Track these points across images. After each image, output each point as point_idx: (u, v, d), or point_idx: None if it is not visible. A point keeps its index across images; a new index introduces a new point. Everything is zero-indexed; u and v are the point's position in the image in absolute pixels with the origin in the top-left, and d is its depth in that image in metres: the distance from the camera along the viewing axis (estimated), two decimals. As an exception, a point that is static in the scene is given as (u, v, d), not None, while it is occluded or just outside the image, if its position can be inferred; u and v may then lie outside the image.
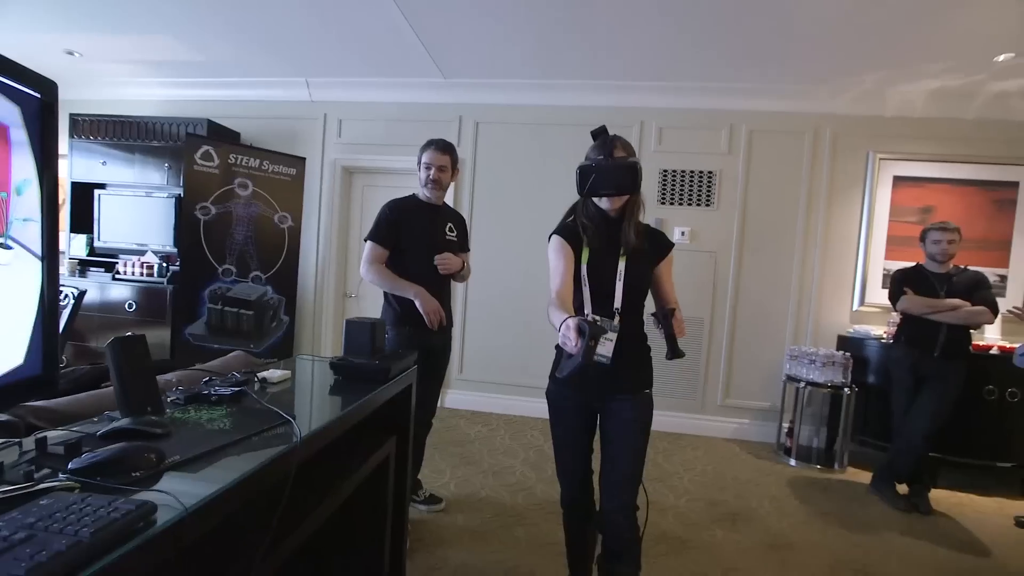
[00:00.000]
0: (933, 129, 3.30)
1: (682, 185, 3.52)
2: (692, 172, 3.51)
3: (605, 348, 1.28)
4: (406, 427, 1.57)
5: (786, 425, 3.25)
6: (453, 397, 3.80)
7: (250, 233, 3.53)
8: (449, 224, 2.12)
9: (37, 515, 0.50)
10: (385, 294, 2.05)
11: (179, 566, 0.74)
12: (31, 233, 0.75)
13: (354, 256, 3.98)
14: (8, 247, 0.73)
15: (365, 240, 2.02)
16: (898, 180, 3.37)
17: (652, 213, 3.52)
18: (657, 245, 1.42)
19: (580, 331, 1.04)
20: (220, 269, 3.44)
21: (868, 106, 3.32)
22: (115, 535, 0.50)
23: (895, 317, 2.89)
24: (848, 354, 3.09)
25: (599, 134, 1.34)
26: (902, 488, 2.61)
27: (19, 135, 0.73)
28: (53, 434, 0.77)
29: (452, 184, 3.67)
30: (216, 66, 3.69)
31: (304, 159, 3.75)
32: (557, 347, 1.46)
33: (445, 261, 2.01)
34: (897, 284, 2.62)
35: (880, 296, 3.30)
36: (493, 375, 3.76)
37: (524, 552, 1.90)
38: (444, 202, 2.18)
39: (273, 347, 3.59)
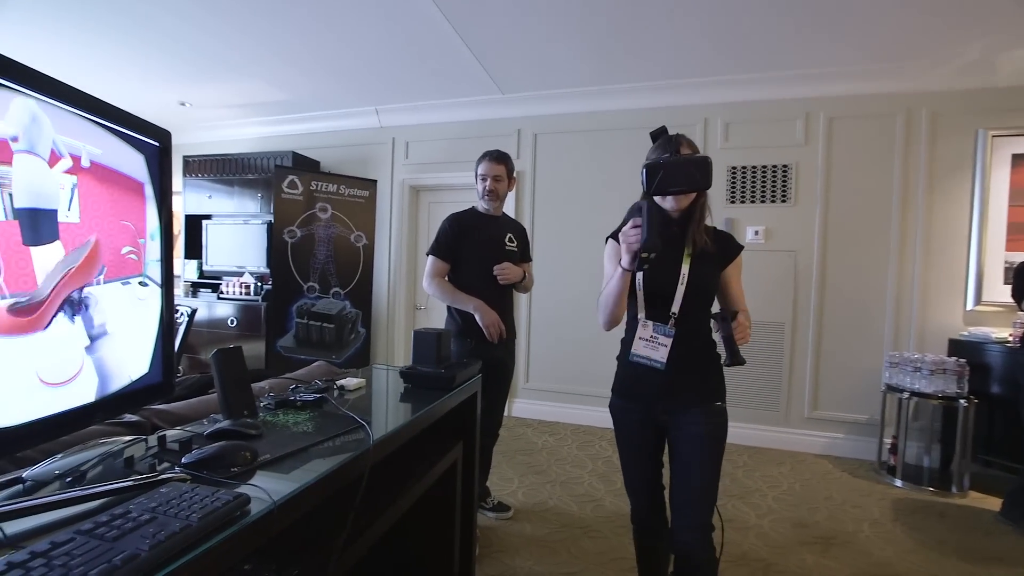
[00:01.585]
0: (1062, 98, 2.85)
1: (754, 182, 3.32)
2: (764, 167, 3.29)
3: (659, 353, 1.25)
4: (472, 434, 1.61)
5: (888, 441, 2.91)
6: (520, 406, 3.84)
7: (330, 252, 3.83)
8: (509, 234, 2.15)
9: (158, 501, 0.59)
10: (448, 307, 2.12)
11: (269, 552, 0.83)
12: (159, 269, 0.90)
13: (422, 270, 4.18)
14: (146, 284, 0.87)
15: (427, 255, 2.11)
16: (1018, 159, 2.93)
17: (721, 213, 3.35)
18: (725, 247, 1.34)
19: (635, 211, 1.12)
20: (305, 286, 3.77)
21: (975, 78, 2.94)
22: (217, 522, 0.58)
23: (1023, 317, 2.50)
24: (963, 360, 2.71)
25: (659, 135, 1.28)
26: (1042, 517, 2.23)
27: (151, 191, 0.87)
28: (171, 433, 0.89)
29: (513, 195, 3.79)
30: (299, 103, 4.09)
31: (375, 181, 4.02)
32: (618, 358, 1.43)
33: (504, 271, 2.05)
34: (1023, 279, 2.28)
35: (1001, 293, 2.87)
36: (559, 384, 3.75)
37: (592, 565, 1.87)
38: (503, 212, 2.21)
39: (352, 357, 3.84)
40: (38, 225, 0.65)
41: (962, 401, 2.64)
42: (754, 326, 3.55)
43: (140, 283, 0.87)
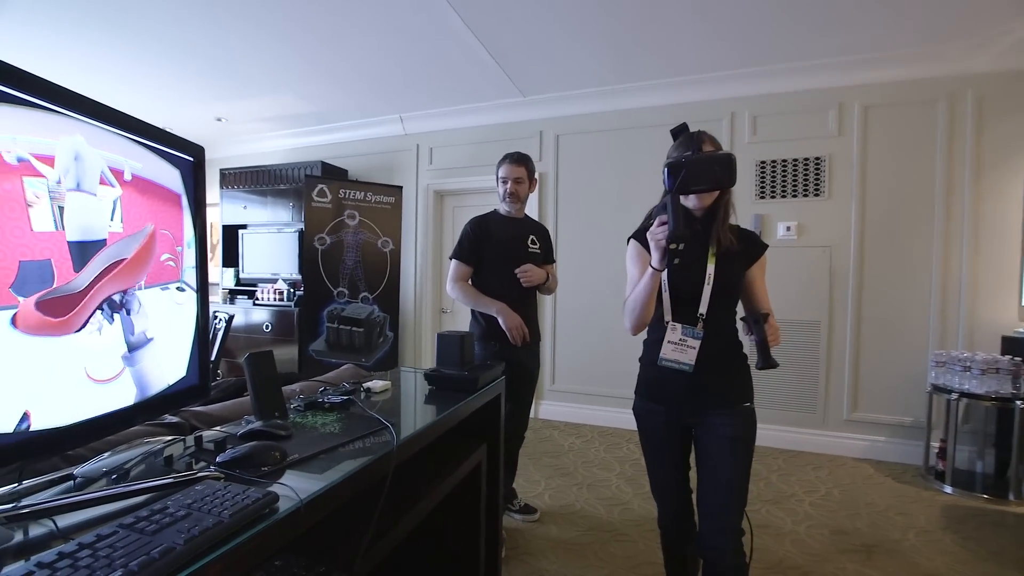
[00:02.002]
0: None
1: (784, 176, 3.21)
2: (796, 160, 3.19)
3: (687, 356, 1.22)
4: (496, 436, 1.62)
5: (936, 444, 2.76)
6: (546, 408, 3.83)
7: (358, 258, 3.93)
8: (531, 236, 2.14)
9: (194, 497, 0.62)
10: (472, 310, 2.13)
11: (298, 549, 0.86)
12: (193, 277, 0.95)
13: (447, 273, 4.24)
14: (183, 289, 0.92)
15: (450, 259, 2.13)
16: (1077, 143, 2.74)
17: (751, 209, 3.26)
18: (749, 246, 1.31)
19: (663, 209, 1.12)
20: (335, 292, 3.87)
21: (1025, 59, 2.76)
22: (247, 518, 0.61)
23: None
24: (1019, 359, 2.54)
25: (680, 131, 1.26)
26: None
27: (186, 201, 0.93)
28: (207, 433, 0.94)
29: (536, 197, 3.79)
30: (327, 114, 4.22)
31: (401, 188, 4.10)
32: (640, 360, 1.42)
33: (527, 273, 2.04)
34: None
35: (1061, 287, 2.68)
36: (585, 386, 3.72)
37: (620, 569, 1.84)
38: (526, 214, 2.21)
39: (381, 360, 3.92)
40: (87, 254, 0.70)
41: (1019, 402, 2.48)
42: (788, 325, 3.44)
43: (178, 288, 0.91)
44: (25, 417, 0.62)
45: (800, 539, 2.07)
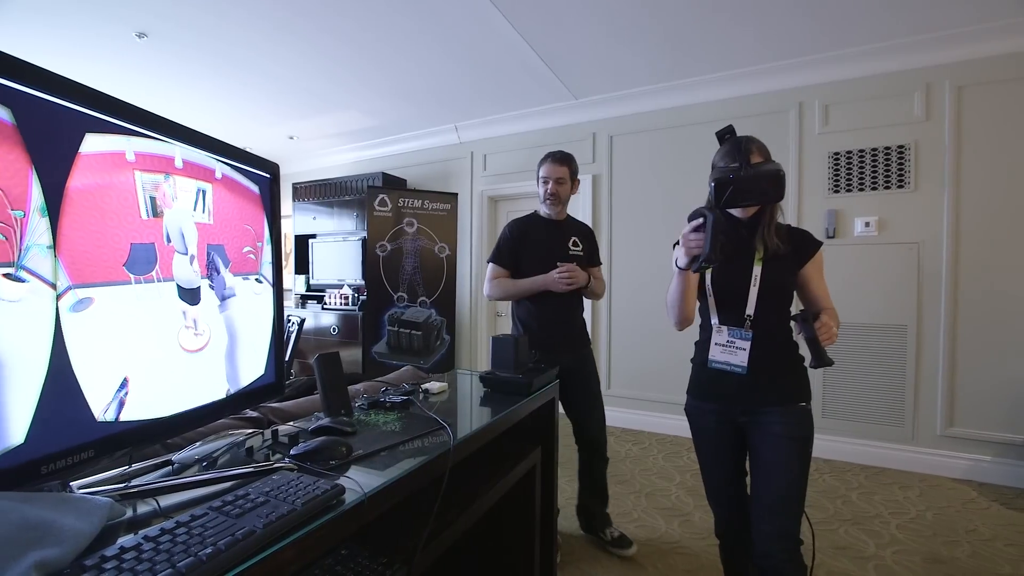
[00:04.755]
0: None
1: (862, 167, 2.96)
2: (875, 150, 2.93)
3: (737, 357, 1.20)
4: (551, 439, 1.62)
5: (1056, 466, 2.41)
6: (602, 413, 3.76)
7: (416, 264, 4.08)
8: (573, 238, 2.04)
9: (271, 486, 0.68)
10: (513, 319, 2.06)
11: (362, 541, 0.91)
12: (270, 272, 1.04)
13: (502, 278, 4.30)
14: (261, 281, 1.01)
15: (488, 262, 2.06)
16: None
17: (823, 204, 3.04)
18: (801, 245, 1.28)
19: (697, 216, 1.11)
20: (395, 296, 4.04)
21: None
22: (317, 507, 0.66)
23: None
24: None
25: (726, 134, 1.24)
26: None
27: (264, 205, 1.02)
28: (283, 428, 1.02)
29: (590, 199, 3.76)
30: (387, 127, 4.43)
31: (456, 194, 4.21)
32: (692, 360, 1.39)
33: (571, 271, 1.90)
34: None
35: None
36: (642, 391, 3.62)
37: (682, 583, 1.77)
38: (568, 215, 2.10)
39: (439, 363, 4.04)
40: (188, 296, 0.83)
41: None
42: (868, 329, 3.17)
43: (256, 279, 1.00)
44: (124, 383, 0.70)
45: (885, 565, 1.89)
